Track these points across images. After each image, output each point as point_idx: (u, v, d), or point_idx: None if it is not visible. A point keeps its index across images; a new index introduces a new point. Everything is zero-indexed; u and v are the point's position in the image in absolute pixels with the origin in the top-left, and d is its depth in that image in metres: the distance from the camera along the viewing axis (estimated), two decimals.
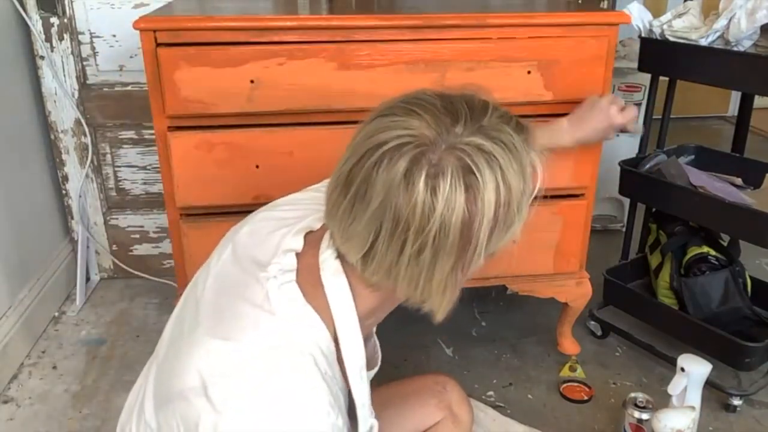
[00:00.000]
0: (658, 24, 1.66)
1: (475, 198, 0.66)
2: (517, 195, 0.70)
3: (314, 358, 0.70)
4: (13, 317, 1.74)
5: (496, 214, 0.68)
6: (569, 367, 1.72)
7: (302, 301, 0.73)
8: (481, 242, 0.69)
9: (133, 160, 2.04)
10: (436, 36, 1.34)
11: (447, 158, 0.66)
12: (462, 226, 0.67)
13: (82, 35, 1.89)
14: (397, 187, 0.66)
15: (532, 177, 0.73)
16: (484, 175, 0.67)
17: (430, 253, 0.68)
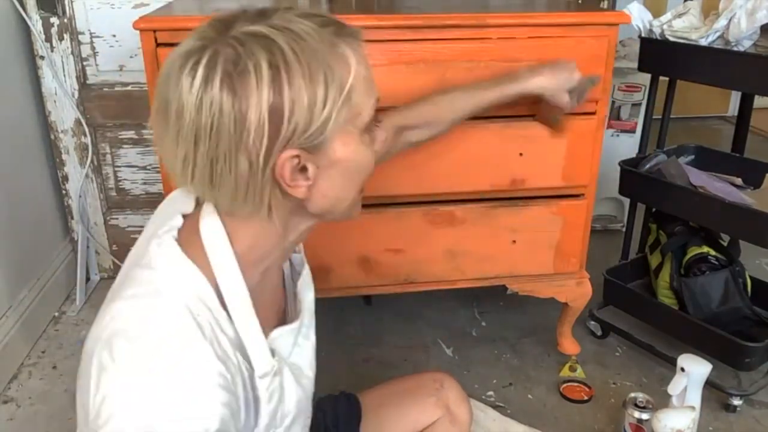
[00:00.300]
0: (658, 24, 1.66)
1: (241, 80, 0.63)
2: (307, 79, 0.65)
3: (190, 309, 0.67)
4: (13, 317, 1.74)
5: (276, 96, 0.64)
6: (569, 367, 1.72)
7: (179, 253, 0.71)
8: (258, 127, 0.64)
9: (133, 160, 2.04)
10: (436, 36, 1.34)
11: (218, 48, 0.65)
12: (227, 110, 0.64)
13: (82, 35, 1.89)
14: (172, 83, 0.66)
15: (341, 66, 0.68)
16: (252, 57, 0.64)
17: (200, 143, 0.65)
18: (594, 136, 1.48)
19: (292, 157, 0.68)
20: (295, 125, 0.66)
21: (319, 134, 0.68)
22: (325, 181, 0.72)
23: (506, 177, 1.47)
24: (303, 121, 0.66)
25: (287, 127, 0.66)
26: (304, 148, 0.68)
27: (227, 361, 0.68)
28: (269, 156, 0.66)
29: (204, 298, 0.69)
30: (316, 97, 0.66)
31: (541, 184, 1.49)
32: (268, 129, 0.65)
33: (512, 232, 1.53)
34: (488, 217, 1.51)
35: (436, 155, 1.42)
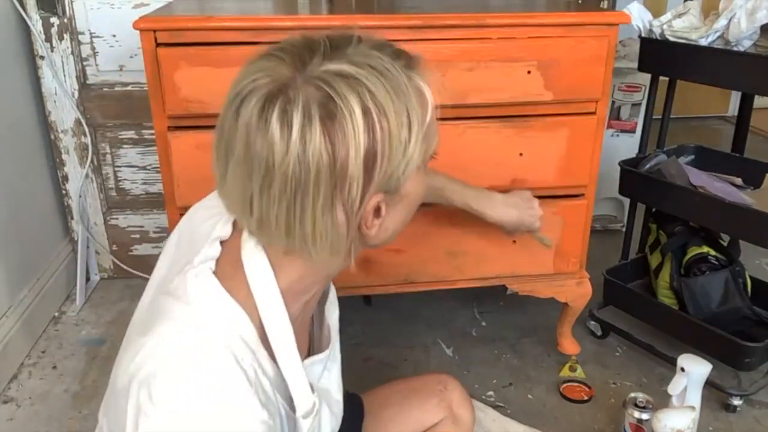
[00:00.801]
0: (658, 24, 1.66)
1: (337, 127, 0.60)
2: (396, 119, 0.63)
3: (234, 354, 0.65)
4: (13, 317, 1.74)
5: (371, 142, 0.62)
6: (569, 367, 1.72)
7: (217, 287, 0.68)
8: (356, 176, 0.62)
9: (133, 160, 2.04)
10: (436, 36, 1.34)
11: (303, 90, 0.61)
12: (327, 159, 0.60)
13: (82, 35, 1.89)
14: (255, 129, 0.61)
15: (420, 102, 0.66)
16: (346, 101, 0.60)
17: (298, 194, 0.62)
18: (594, 136, 1.48)
19: (377, 202, 0.66)
20: (386, 169, 0.64)
21: (403, 176, 0.66)
22: (392, 217, 0.71)
23: (506, 177, 1.47)
24: (394, 163, 0.64)
25: (380, 173, 0.64)
26: (386, 192, 0.67)
27: (269, 406, 0.66)
28: (362, 203, 0.65)
29: (247, 339, 0.67)
30: (403, 138, 0.64)
31: (541, 184, 1.49)
32: (362, 176, 0.63)
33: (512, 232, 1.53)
34: None
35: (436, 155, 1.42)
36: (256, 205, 0.64)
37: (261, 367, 0.67)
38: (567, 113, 1.45)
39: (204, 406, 0.61)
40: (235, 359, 0.64)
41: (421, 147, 0.66)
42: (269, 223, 0.65)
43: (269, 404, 0.67)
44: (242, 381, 0.64)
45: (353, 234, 0.67)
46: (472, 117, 1.42)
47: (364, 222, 0.67)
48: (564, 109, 1.45)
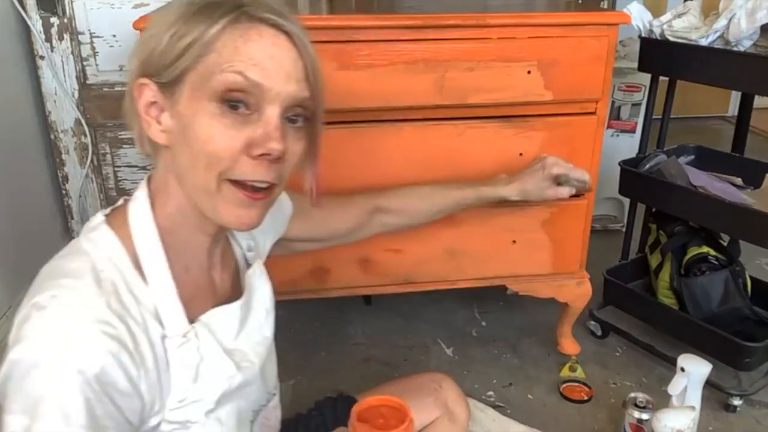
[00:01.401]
0: (658, 24, 1.66)
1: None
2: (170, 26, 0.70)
3: (94, 264, 0.70)
4: (13, 317, 1.74)
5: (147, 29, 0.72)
6: (569, 367, 1.72)
7: (101, 222, 0.75)
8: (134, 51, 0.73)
9: (133, 160, 2.04)
10: (436, 36, 1.34)
11: None
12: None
13: (82, 35, 1.89)
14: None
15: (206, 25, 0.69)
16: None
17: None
18: (594, 136, 1.48)
19: (144, 86, 0.72)
20: (152, 50, 0.70)
21: (170, 69, 0.70)
22: (179, 142, 0.72)
23: None
24: (159, 48, 0.70)
25: (147, 52, 0.71)
26: (156, 83, 0.71)
27: (123, 316, 0.68)
28: (132, 78, 0.73)
29: (115, 260, 0.72)
30: (178, 31, 0.69)
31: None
32: (136, 53, 0.72)
33: (512, 232, 1.53)
34: (488, 217, 1.51)
35: (436, 155, 1.42)
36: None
37: (126, 284, 0.71)
38: (567, 113, 1.45)
39: (55, 300, 0.68)
40: (93, 268, 0.70)
41: (196, 56, 0.69)
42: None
43: (126, 316, 0.69)
44: (90, 283, 0.68)
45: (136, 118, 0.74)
46: (472, 117, 1.42)
47: (139, 104, 0.73)
48: (564, 109, 1.45)
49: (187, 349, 0.74)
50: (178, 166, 0.73)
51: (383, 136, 1.40)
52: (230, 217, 0.73)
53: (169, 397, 0.73)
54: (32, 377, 0.64)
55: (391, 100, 1.37)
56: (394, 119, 1.40)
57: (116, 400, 0.66)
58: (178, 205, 0.76)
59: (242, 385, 0.81)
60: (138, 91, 0.72)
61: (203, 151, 0.70)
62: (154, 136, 0.73)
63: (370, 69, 1.33)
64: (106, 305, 0.67)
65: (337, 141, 1.38)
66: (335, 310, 1.96)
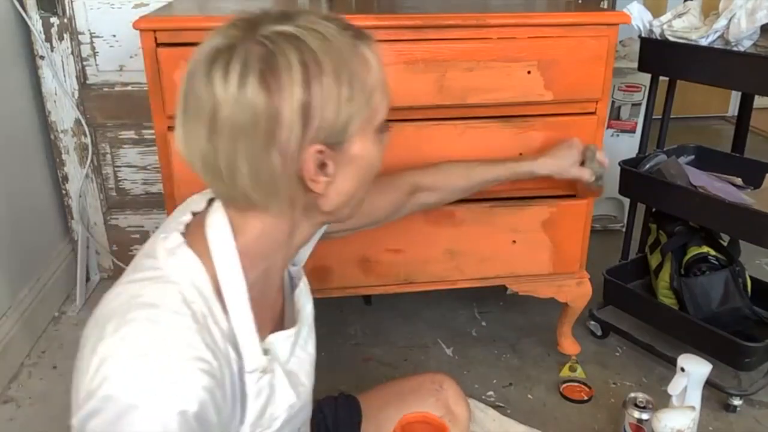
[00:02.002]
0: (658, 24, 1.66)
1: (274, 78, 0.66)
2: (334, 77, 0.68)
3: (183, 295, 0.69)
4: (13, 317, 1.74)
5: (306, 94, 0.67)
6: (569, 367, 1.72)
7: (180, 243, 0.73)
8: (291, 123, 0.67)
9: (133, 160, 2.04)
10: (436, 36, 1.34)
11: (247, 47, 0.67)
12: (262, 106, 0.66)
13: (82, 35, 1.89)
14: (201, 82, 0.67)
15: (363, 67, 0.72)
16: (284, 56, 0.66)
17: (238, 138, 0.67)
18: (594, 136, 1.48)
19: (317, 153, 0.70)
20: (323, 121, 0.69)
21: (343, 131, 0.71)
22: (342, 178, 0.74)
23: None
24: (330, 118, 0.69)
25: (316, 123, 0.68)
26: (327, 145, 0.71)
27: (216, 351, 0.68)
28: (298, 151, 0.69)
29: (199, 287, 0.70)
30: (342, 96, 0.69)
31: (541, 183, 1.49)
32: (299, 125, 0.67)
33: (512, 232, 1.53)
34: (488, 217, 1.51)
35: (436, 155, 1.42)
36: (206, 151, 0.69)
37: (212, 315, 0.70)
38: (567, 113, 1.45)
39: (149, 337, 0.65)
40: (183, 300, 0.68)
41: (364, 109, 0.72)
42: (218, 169, 0.70)
43: (216, 350, 0.68)
44: (186, 318, 0.67)
45: (293, 183, 0.71)
46: (472, 117, 1.42)
47: (306, 172, 0.71)
48: (564, 109, 1.45)
49: (263, 383, 0.76)
50: (336, 202, 0.76)
51: None
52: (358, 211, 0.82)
53: (243, 425, 0.74)
54: (131, 418, 0.62)
55: (391, 100, 1.36)
56: (394, 119, 1.40)
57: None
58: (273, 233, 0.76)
59: (299, 411, 0.83)
60: (305, 161, 0.70)
61: (374, 173, 0.79)
62: (318, 190, 0.73)
63: None
64: (202, 341, 0.67)
65: None
66: (335, 310, 1.96)
